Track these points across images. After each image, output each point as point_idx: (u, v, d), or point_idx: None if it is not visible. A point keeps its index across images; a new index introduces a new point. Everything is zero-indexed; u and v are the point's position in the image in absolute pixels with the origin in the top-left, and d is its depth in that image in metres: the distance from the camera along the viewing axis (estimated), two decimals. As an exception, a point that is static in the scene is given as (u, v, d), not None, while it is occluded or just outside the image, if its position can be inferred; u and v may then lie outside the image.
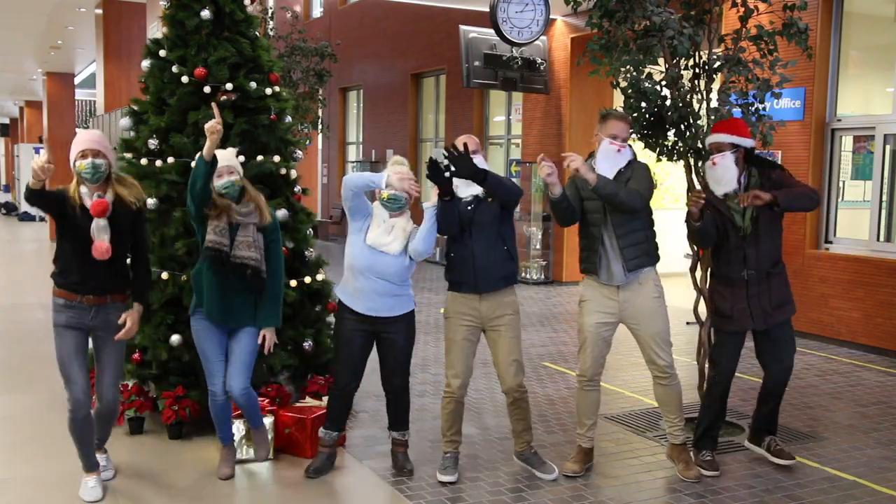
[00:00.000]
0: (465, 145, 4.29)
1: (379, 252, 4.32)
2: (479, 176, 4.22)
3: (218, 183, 4.25)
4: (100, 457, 4.39)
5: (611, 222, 4.41)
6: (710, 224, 4.58)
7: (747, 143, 4.60)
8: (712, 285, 4.78)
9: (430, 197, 4.41)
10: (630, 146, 4.53)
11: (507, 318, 4.44)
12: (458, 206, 4.37)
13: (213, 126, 4.09)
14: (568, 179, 4.61)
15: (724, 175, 4.51)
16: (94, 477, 4.26)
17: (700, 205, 4.49)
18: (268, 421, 4.72)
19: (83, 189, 4.07)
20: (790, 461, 4.74)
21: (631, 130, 4.69)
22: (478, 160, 4.33)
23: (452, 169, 4.25)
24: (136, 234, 4.22)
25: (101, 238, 4.00)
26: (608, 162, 4.42)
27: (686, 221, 4.61)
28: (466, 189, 4.39)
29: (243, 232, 4.29)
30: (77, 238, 4.03)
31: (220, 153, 4.29)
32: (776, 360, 4.64)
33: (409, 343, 4.54)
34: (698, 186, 5.20)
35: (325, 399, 4.83)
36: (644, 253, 4.45)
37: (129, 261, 4.28)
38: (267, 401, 4.96)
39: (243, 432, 4.69)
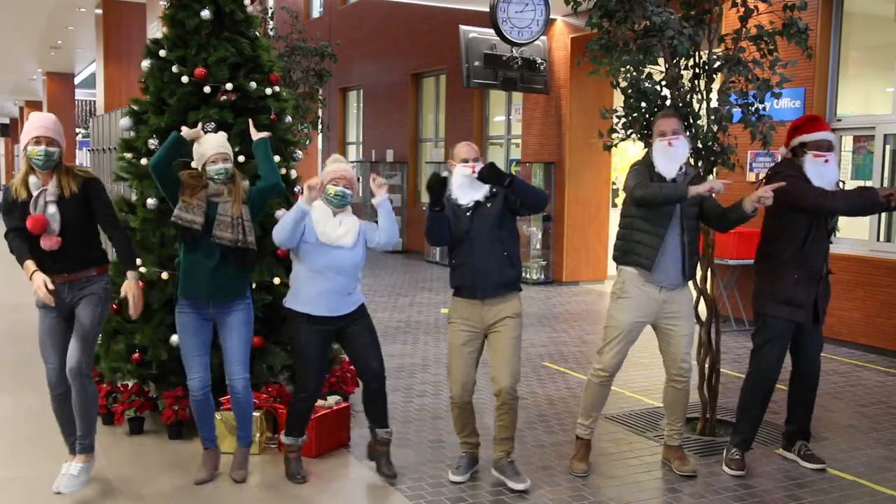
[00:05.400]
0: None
1: (334, 247, 4.30)
2: (504, 181, 4.20)
3: (212, 169, 4.23)
4: (74, 465, 4.19)
5: (685, 229, 4.48)
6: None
7: None
8: (794, 275, 4.61)
9: (378, 194, 4.40)
10: (685, 137, 4.53)
11: (508, 321, 4.38)
12: (447, 217, 4.32)
13: (197, 132, 4.23)
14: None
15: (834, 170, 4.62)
16: (75, 463, 4.22)
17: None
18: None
19: (32, 178, 4.07)
20: (820, 465, 4.77)
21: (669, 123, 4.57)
22: (476, 167, 4.35)
23: (480, 174, 4.24)
24: (94, 205, 4.14)
25: (50, 231, 4.00)
26: (665, 158, 4.45)
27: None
28: (467, 196, 4.37)
29: (223, 209, 4.22)
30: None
31: (212, 138, 4.30)
32: (805, 353, 4.76)
33: (374, 329, 4.52)
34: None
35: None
36: (696, 264, 4.62)
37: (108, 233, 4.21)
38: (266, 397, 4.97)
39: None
